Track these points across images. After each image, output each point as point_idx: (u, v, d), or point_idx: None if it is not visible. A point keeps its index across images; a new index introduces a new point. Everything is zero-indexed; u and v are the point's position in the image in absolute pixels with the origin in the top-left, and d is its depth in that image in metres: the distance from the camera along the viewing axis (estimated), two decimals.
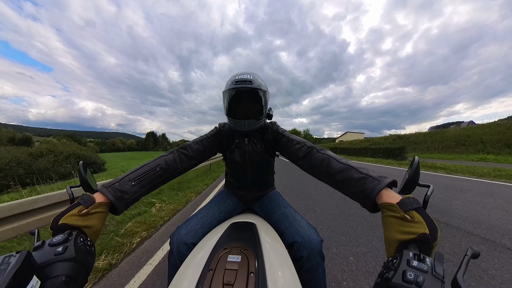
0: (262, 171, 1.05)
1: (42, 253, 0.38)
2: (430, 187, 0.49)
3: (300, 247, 0.71)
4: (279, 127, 0.97)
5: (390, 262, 0.38)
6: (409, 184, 0.52)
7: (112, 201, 0.57)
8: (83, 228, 0.48)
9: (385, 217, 0.48)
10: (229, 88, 0.84)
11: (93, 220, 0.51)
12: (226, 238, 0.66)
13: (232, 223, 0.78)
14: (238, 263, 0.52)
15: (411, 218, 0.42)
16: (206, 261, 0.54)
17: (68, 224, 0.47)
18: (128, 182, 0.64)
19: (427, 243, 0.39)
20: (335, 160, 0.67)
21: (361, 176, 0.58)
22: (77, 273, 0.39)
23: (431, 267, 0.34)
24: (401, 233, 0.43)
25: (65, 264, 0.38)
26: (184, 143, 0.89)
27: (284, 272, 0.55)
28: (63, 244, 0.40)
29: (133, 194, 0.64)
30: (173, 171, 0.79)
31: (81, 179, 0.60)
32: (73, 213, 0.49)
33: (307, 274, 0.71)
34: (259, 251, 0.58)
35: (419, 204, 0.45)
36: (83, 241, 0.44)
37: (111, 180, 0.63)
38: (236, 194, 1.09)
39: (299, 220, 0.83)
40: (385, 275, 0.36)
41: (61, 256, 0.38)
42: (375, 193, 0.52)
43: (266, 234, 0.73)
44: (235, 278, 0.47)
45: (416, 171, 0.50)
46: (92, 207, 0.52)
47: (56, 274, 0.36)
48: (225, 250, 0.57)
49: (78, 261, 0.40)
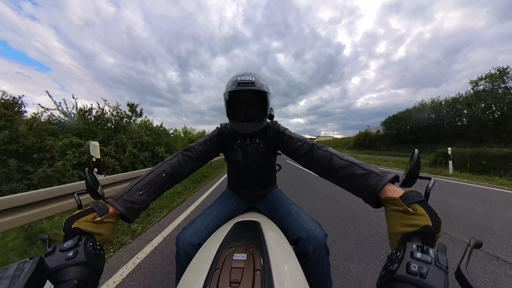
0: (265, 170, 1.06)
1: (54, 258, 0.39)
2: (432, 179, 0.49)
3: (306, 242, 0.72)
4: (280, 125, 0.97)
5: (394, 255, 0.39)
6: (410, 177, 0.51)
7: (123, 213, 0.60)
8: (94, 234, 0.50)
9: (388, 211, 0.49)
10: (230, 90, 0.82)
11: (104, 228, 0.53)
12: (231, 237, 0.67)
13: (237, 222, 0.79)
14: (244, 261, 0.52)
15: (414, 211, 0.43)
16: (213, 261, 0.55)
17: (81, 228, 0.48)
18: (136, 192, 0.65)
19: (430, 235, 0.40)
20: (337, 157, 0.68)
21: (363, 172, 0.58)
22: (88, 277, 0.40)
23: (434, 258, 0.34)
24: (404, 225, 0.43)
25: (77, 268, 0.39)
26: (188, 145, 0.90)
27: (290, 268, 0.55)
28: (74, 249, 0.41)
29: (142, 203, 0.65)
30: (179, 175, 0.80)
31: (88, 185, 0.60)
32: (87, 219, 0.50)
33: (313, 268, 0.72)
34: (264, 249, 0.59)
35: (422, 197, 0.45)
36: (92, 245, 0.45)
37: (120, 192, 0.64)
38: (239, 194, 1.10)
39: (303, 216, 0.84)
40: (390, 268, 0.36)
41: (72, 260, 0.39)
42: (378, 189, 0.53)
43: (270, 231, 0.73)
44: (241, 276, 0.47)
45: (417, 164, 0.50)
46: (105, 216, 0.53)
47: (68, 278, 0.37)
48: (230, 249, 0.58)
49: (89, 265, 0.41)
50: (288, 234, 0.80)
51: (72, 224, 0.48)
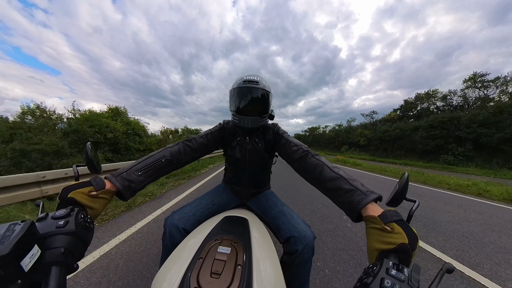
0: (260, 170, 1.08)
1: (45, 225, 0.40)
2: (416, 202, 0.51)
3: (296, 241, 0.76)
4: (280, 128, 1.00)
5: (370, 269, 0.40)
6: (396, 198, 0.54)
7: (120, 189, 0.62)
8: (87, 207, 0.51)
9: (368, 228, 0.51)
10: (237, 87, 0.89)
11: (98, 203, 0.54)
12: (219, 230, 0.68)
13: (226, 217, 0.80)
14: (227, 254, 0.53)
15: (391, 229, 0.45)
16: (197, 250, 0.56)
17: (76, 199, 0.50)
18: (135, 172, 0.68)
19: (406, 252, 0.41)
20: (328, 168, 0.70)
21: (350, 188, 0.60)
22: (75, 247, 0.41)
23: (408, 277, 0.36)
24: (381, 243, 0.45)
25: (65, 237, 0.40)
26: (190, 136, 0.93)
27: (270, 267, 0.57)
28: (65, 219, 0.42)
29: (139, 184, 0.67)
30: (177, 162, 0.83)
31: (87, 159, 0.62)
32: (83, 191, 0.52)
33: (298, 267, 0.76)
34: (248, 245, 0.60)
35: (400, 216, 0.47)
36: (83, 217, 0.45)
37: (120, 169, 0.66)
38: (232, 189, 1.12)
39: (296, 217, 0.87)
40: (364, 280, 0.38)
41: (62, 229, 0.40)
42: (360, 206, 0.55)
43: (257, 230, 0.75)
44: (223, 268, 0.48)
45: (405, 186, 0.52)
46: (101, 192, 0.55)
47: (55, 245, 0.38)
48: (216, 241, 0.59)
49: (77, 236, 0.41)
50: (280, 233, 0.84)
51: (68, 193, 0.49)
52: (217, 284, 0.44)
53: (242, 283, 0.45)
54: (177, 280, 0.47)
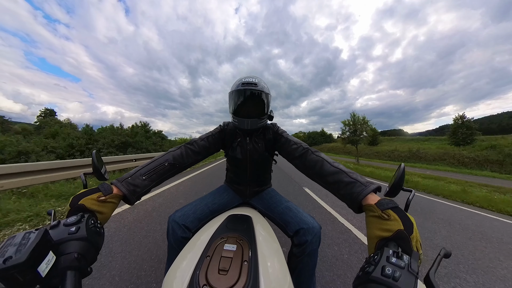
0: (261, 169, 1.09)
1: (58, 232, 0.42)
2: (412, 192, 0.53)
3: (306, 233, 0.81)
4: (279, 128, 1.01)
5: (371, 258, 0.41)
6: (394, 188, 0.56)
7: (126, 194, 0.63)
8: (96, 212, 0.53)
9: (367, 217, 0.53)
10: (235, 89, 0.90)
11: (107, 207, 0.56)
12: (224, 229, 0.70)
13: (230, 215, 0.82)
14: (233, 251, 0.55)
15: (388, 216, 0.47)
16: (204, 248, 0.58)
17: (85, 205, 0.51)
18: (140, 176, 0.69)
19: (404, 238, 0.43)
20: (328, 163, 0.72)
21: (350, 180, 0.62)
22: (87, 251, 0.42)
23: (407, 264, 0.37)
24: (380, 230, 0.47)
25: (78, 242, 0.41)
26: (191, 139, 0.94)
27: (276, 262, 0.58)
28: (76, 225, 0.43)
29: (144, 188, 0.69)
30: (180, 166, 0.84)
31: (94, 167, 0.63)
32: (92, 197, 0.54)
33: (308, 257, 0.80)
34: (253, 242, 0.61)
35: (395, 204, 0.49)
36: (93, 223, 0.47)
37: (125, 175, 0.68)
38: (234, 189, 1.14)
39: (302, 211, 0.92)
40: (366, 269, 0.39)
41: (74, 235, 0.42)
42: (361, 197, 0.57)
43: (261, 227, 0.77)
44: (230, 265, 0.50)
45: (401, 176, 0.54)
46: (109, 197, 0.57)
47: (69, 251, 0.39)
48: (222, 239, 0.61)
49: (89, 241, 0.43)
50: (288, 227, 0.88)
51: (78, 201, 0.51)
52: (225, 280, 0.46)
53: (249, 278, 0.47)
54: (187, 278, 0.48)
